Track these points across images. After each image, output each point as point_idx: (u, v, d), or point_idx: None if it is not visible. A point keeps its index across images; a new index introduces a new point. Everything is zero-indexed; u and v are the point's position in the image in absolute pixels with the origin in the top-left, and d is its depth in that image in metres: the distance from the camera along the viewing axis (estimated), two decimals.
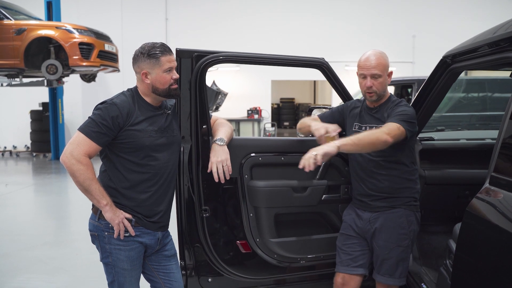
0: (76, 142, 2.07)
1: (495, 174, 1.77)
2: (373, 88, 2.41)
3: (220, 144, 2.41)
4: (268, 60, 2.71)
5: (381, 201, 2.45)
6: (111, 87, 12.66)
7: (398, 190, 2.45)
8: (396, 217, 2.43)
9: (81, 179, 2.06)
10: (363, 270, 2.52)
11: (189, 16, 13.44)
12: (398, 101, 2.46)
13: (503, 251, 1.55)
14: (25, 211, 6.77)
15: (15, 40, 8.63)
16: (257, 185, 2.59)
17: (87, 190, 2.09)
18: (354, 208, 2.57)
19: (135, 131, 2.14)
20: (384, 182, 2.44)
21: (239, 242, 2.64)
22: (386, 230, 2.44)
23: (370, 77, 2.40)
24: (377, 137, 2.23)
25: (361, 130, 2.48)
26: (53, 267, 4.30)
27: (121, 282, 2.22)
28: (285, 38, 13.10)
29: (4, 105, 13.15)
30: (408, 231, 2.44)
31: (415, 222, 2.48)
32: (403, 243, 2.43)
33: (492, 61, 2.02)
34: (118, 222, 2.13)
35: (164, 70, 2.16)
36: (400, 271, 2.45)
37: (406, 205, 2.45)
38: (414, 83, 6.49)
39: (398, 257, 2.43)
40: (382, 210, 2.45)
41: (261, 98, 13.83)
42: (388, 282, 2.46)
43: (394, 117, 2.34)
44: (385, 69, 2.43)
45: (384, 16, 13.44)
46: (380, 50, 2.47)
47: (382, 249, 2.45)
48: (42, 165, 11.25)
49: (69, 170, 2.07)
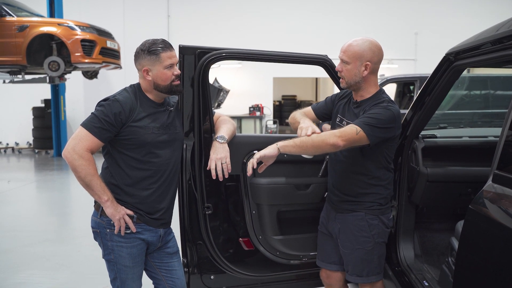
0: (79, 137, 2.07)
1: (498, 171, 1.77)
2: (342, 73, 2.32)
3: (221, 141, 2.40)
4: (270, 57, 2.70)
5: (344, 204, 2.40)
6: (113, 84, 12.67)
7: (362, 194, 2.36)
8: (357, 219, 2.35)
9: (83, 174, 2.06)
10: (338, 267, 2.52)
11: (191, 13, 13.43)
12: (380, 101, 2.27)
13: (506, 249, 1.55)
14: (27, 208, 6.78)
15: (18, 37, 8.63)
16: (259, 182, 2.59)
17: (88, 186, 2.09)
18: (326, 203, 2.55)
19: (137, 128, 2.14)
20: (349, 185, 2.38)
21: (242, 240, 2.65)
22: (348, 232, 2.39)
23: (340, 61, 2.32)
24: (323, 140, 2.12)
25: (342, 124, 2.38)
26: (55, 263, 4.31)
27: (123, 279, 2.23)
28: (288, 35, 13.07)
29: (6, 102, 13.16)
30: (370, 234, 2.35)
31: (380, 226, 2.37)
32: (366, 245, 2.36)
33: (495, 59, 2.01)
34: (119, 218, 2.13)
35: (165, 66, 2.16)
36: (367, 270, 2.39)
37: (367, 209, 2.36)
38: (416, 81, 6.48)
39: (362, 258, 2.37)
40: (345, 212, 2.40)
41: (263, 95, 13.82)
42: (356, 281, 2.43)
43: (359, 119, 2.19)
44: (355, 57, 2.26)
45: (386, 13, 13.40)
46: (370, 39, 2.32)
47: (345, 249, 2.41)
48: (44, 162, 11.28)
49: (71, 165, 2.07)
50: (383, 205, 2.40)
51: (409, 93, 7.28)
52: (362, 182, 2.35)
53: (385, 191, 2.39)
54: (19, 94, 12.78)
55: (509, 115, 1.78)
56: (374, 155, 2.31)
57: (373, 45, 2.30)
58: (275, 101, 17.18)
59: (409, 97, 7.19)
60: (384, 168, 2.37)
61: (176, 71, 2.20)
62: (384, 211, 2.41)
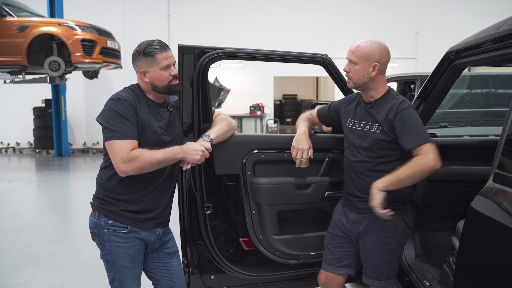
0: (114, 152, 2.04)
1: (499, 171, 1.76)
2: (349, 73, 2.35)
3: (204, 139, 2.31)
4: (270, 56, 2.70)
5: (367, 203, 2.32)
6: (113, 84, 12.66)
7: (386, 193, 2.33)
8: (382, 220, 2.28)
9: (147, 165, 2.05)
10: (347, 270, 2.49)
11: (191, 13, 13.42)
12: (398, 102, 2.28)
13: (507, 249, 1.54)
14: (28, 208, 6.78)
15: (18, 37, 8.63)
16: (259, 182, 2.58)
17: (160, 163, 2.09)
18: (343, 206, 2.52)
19: (141, 127, 2.13)
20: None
21: (242, 239, 2.64)
22: (371, 233, 2.36)
23: (348, 62, 2.36)
24: (420, 170, 2.14)
25: (355, 127, 2.41)
26: (56, 263, 4.31)
27: (121, 279, 2.22)
28: (288, 34, 13.06)
29: (7, 102, 13.17)
30: (394, 235, 2.34)
31: (403, 226, 2.37)
32: (388, 247, 2.35)
33: (495, 57, 2.00)
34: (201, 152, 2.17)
35: (161, 67, 2.14)
36: (386, 274, 2.38)
37: (393, 209, 2.30)
38: (417, 79, 6.45)
39: (383, 260, 2.36)
40: (368, 213, 2.33)
41: (264, 94, 13.81)
42: (374, 284, 2.40)
43: (414, 135, 2.19)
44: (364, 58, 2.29)
45: (386, 11, 13.39)
46: (377, 40, 2.35)
47: (367, 252, 2.39)
48: (45, 162, 11.29)
49: (137, 171, 2.05)
50: (406, 205, 2.40)
51: (409, 92, 7.26)
52: None
53: (407, 189, 2.38)
54: (20, 94, 12.78)
55: (510, 114, 1.77)
56: (400, 153, 2.31)
57: (381, 46, 2.34)
58: (275, 100, 17.18)
59: (409, 96, 7.18)
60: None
61: (173, 71, 2.18)
62: (407, 211, 2.41)
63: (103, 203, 2.20)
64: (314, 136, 2.63)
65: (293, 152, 2.48)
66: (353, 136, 2.42)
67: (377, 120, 2.32)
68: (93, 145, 13.22)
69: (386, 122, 2.28)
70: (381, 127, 2.30)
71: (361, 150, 2.36)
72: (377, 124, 2.32)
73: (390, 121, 2.27)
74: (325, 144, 2.68)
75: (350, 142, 2.44)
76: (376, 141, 2.31)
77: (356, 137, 2.40)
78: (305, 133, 2.53)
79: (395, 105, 2.28)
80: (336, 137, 2.69)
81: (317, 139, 2.62)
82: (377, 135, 2.31)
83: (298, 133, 2.53)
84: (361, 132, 2.38)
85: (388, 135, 2.28)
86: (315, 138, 2.61)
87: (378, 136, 2.30)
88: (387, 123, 2.28)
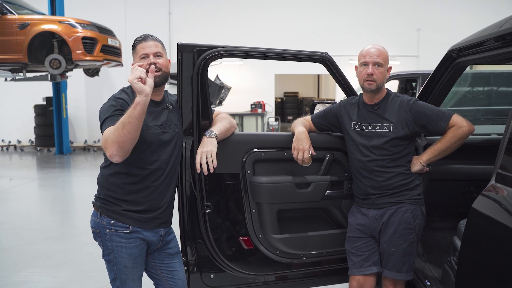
0: (105, 136, 1.98)
1: (501, 171, 1.75)
2: (374, 76, 2.42)
3: (208, 136, 2.37)
4: (271, 55, 2.68)
5: (386, 198, 2.45)
6: (114, 82, 12.66)
7: (403, 186, 2.44)
8: (402, 212, 2.42)
9: (118, 134, 1.92)
10: (377, 268, 2.52)
11: (192, 11, 13.41)
12: (403, 100, 2.46)
13: (509, 249, 1.53)
14: (29, 206, 6.79)
15: (19, 35, 8.62)
16: (259, 181, 2.57)
17: (125, 125, 1.92)
18: (358, 207, 2.56)
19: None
20: (389, 180, 2.44)
21: (242, 238, 2.63)
22: (392, 225, 2.44)
23: (373, 65, 2.42)
24: (456, 135, 2.36)
25: (362, 129, 2.49)
26: (57, 261, 4.31)
27: (123, 279, 2.21)
28: (289, 32, 13.05)
29: (8, 100, 13.18)
30: (413, 225, 2.44)
31: (421, 216, 2.48)
32: (408, 237, 2.43)
33: (498, 55, 1.99)
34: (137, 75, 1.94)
35: (140, 57, 2.13)
36: (407, 265, 2.45)
37: (411, 199, 2.45)
38: (418, 77, 6.43)
39: (404, 252, 2.43)
40: (388, 206, 2.45)
41: (265, 92, 13.81)
42: (395, 277, 2.46)
43: (442, 117, 2.37)
44: (386, 61, 2.46)
45: (388, 9, 13.35)
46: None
47: (388, 245, 2.45)
48: (46, 160, 11.30)
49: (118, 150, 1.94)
50: (421, 196, 2.50)
51: (411, 90, 7.24)
52: (401, 174, 2.45)
53: (420, 180, 2.52)
54: (21, 92, 12.79)
55: None
56: (411, 147, 2.49)
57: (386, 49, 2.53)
58: (276, 98, 17.16)
59: (411, 94, 7.16)
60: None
61: (151, 60, 2.10)
62: (423, 201, 2.51)
63: (105, 203, 2.19)
64: (314, 135, 2.62)
65: (294, 153, 2.49)
66: (361, 138, 2.49)
67: (388, 119, 2.44)
68: (94, 143, 13.23)
69: (401, 120, 2.42)
70: (392, 126, 2.42)
71: (373, 150, 2.45)
72: (388, 124, 2.43)
73: (407, 119, 2.41)
74: (325, 143, 2.67)
75: (358, 143, 2.49)
76: (389, 140, 2.42)
77: (364, 139, 2.48)
78: (304, 132, 2.54)
79: (403, 103, 2.45)
80: (336, 136, 2.68)
81: (316, 138, 2.61)
82: (389, 134, 2.42)
83: (297, 133, 2.53)
84: (370, 133, 2.47)
85: (404, 131, 2.41)
86: (315, 137, 2.60)
87: (391, 135, 2.42)
88: (402, 120, 2.42)
